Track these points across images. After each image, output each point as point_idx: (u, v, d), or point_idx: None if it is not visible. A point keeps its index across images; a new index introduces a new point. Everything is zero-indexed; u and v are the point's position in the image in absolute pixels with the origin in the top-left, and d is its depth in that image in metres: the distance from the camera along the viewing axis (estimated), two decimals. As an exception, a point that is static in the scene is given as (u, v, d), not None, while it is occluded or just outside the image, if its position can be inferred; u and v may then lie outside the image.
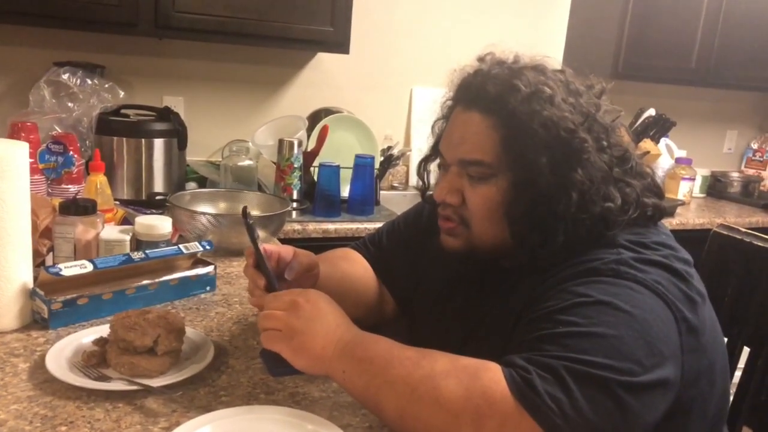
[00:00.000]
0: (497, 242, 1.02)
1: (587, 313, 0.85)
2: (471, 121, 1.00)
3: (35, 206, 1.23)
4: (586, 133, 0.96)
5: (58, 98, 2.07)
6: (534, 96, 0.96)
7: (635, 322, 0.84)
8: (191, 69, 2.55)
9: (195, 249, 1.35)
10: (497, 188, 0.98)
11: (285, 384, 1.01)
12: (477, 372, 0.82)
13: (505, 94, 0.97)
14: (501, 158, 0.97)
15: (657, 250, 0.95)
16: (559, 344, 0.82)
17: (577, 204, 0.94)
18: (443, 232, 1.07)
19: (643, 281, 0.89)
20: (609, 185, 0.97)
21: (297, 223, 2.11)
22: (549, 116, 0.94)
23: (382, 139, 2.70)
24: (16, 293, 1.12)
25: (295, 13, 2.28)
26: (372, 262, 1.32)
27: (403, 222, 1.34)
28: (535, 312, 0.91)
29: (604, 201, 0.96)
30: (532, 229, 0.97)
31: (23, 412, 0.89)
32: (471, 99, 1.01)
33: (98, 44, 2.36)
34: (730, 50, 2.97)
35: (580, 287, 0.89)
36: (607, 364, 0.80)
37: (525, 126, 0.95)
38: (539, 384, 0.78)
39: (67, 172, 1.89)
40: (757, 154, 3.56)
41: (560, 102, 0.96)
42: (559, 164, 0.94)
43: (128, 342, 0.98)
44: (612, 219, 0.96)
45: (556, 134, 0.94)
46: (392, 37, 2.80)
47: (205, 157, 2.59)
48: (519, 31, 2.96)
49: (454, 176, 1.03)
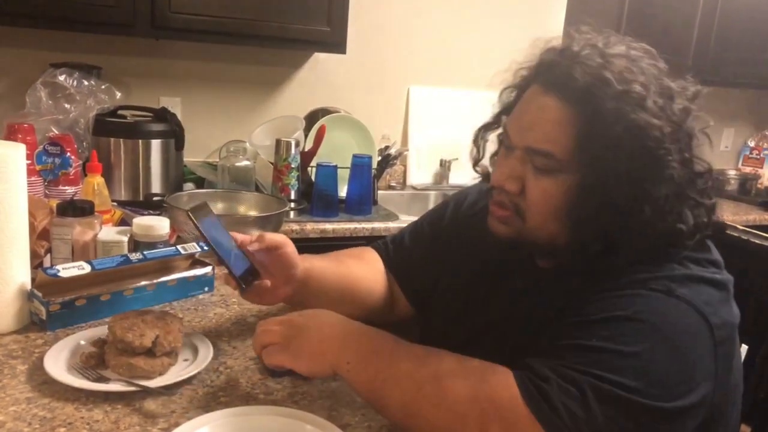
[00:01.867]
0: (551, 240, 0.94)
1: (625, 329, 0.81)
2: (548, 108, 0.89)
3: (32, 208, 1.23)
4: (671, 144, 0.86)
5: (54, 99, 2.07)
6: (624, 95, 0.85)
7: (674, 347, 0.80)
8: (188, 70, 2.55)
9: (193, 250, 1.35)
10: (562, 185, 0.89)
11: (284, 384, 1.02)
12: (485, 374, 0.81)
13: (593, 86, 0.86)
14: (573, 155, 0.87)
15: (707, 268, 0.89)
16: (589, 358, 0.79)
17: (648, 219, 0.86)
18: (493, 217, 0.98)
19: (691, 302, 0.83)
20: (683, 204, 0.89)
21: (295, 223, 2.11)
22: (636, 121, 0.84)
23: (380, 139, 2.70)
24: (14, 295, 1.12)
25: (292, 13, 2.28)
26: (388, 260, 1.27)
27: (427, 221, 1.29)
28: (573, 315, 0.87)
29: (675, 221, 0.88)
30: (596, 237, 0.89)
31: (22, 414, 0.88)
32: (553, 82, 0.90)
33: (95, 45, 2.36)
34: (727, 48, 2.97)
35: (624, 299, 0.84)
36: (636, 387, 0.77)
37: (608, 127, 0.84)
38: (556, 396, 0.76)
39: (64, 173, 1.89)
40: (754, 151, 3.57)
41: (651, 105, 0.85)
42: (637, 174, 0.85)
43: (126, 343, 0.97)
44: (680, 242, 0.89)
45: (640, 142, 0.84)
46: (389, 36, 2.80)
47: (203, 157, 2.59)
48: (515, 30, 2.95)
49: (517, 162, 0.93)
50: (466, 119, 2.95)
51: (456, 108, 2.95)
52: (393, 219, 2.29)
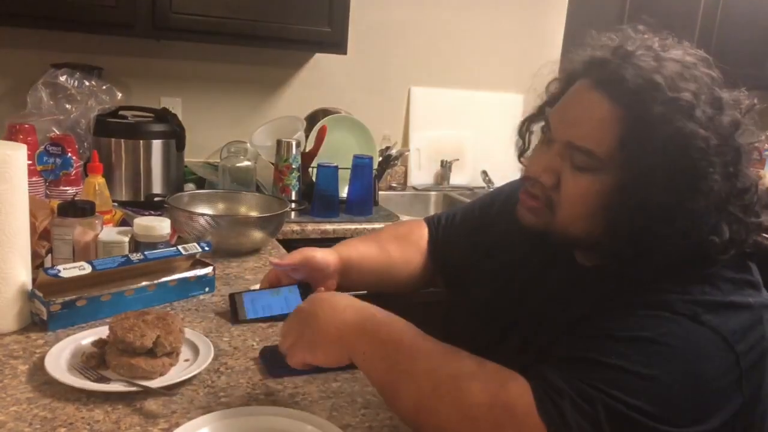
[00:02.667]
0: (581, 237, 0.93)
1: (647, 350, 0.80)
2: (593, 105, 0.88)
3: (33, 208, 1.23)
4: (716, 156, 0.83)
5: (55, 100, 2.07)
6: (673, 102, 0.83)
7: (693, 374, 0.79)
8: (189, 70, 2.55)
9: (194, 250, 1.35)
10: (599, 184, 0.88)
11: (284, 384, 1.02)
12: (504, 381, 0.80)
13: (643, 89, 0.84)
14: (614, 156, 0.86)
15: (743, 290, 0.86)
16: (606, 375, 0.78)
17: (680, 229, 0.84)
18: (523, 206, 0.98)
19: (717, 330, 0.81)
20: (721, 218, 0.86)
21: (295, 224, 2.11)
22: (682, 129, 0.82)
23: (381, 140, 2.71)
24: (15, 295, 1.12)
25: (293, 13, 2.28)
26: (433, 236, 1.33)
27: (478, 204, 1.32)
28: (596, 326, 0.85)
29: (710, 234, 0.85)
30: (626, 241, 0.87)
31: (23, 414, 0.89)
32: (602, 79, 0.88)
33: (96, 46, 2.36)
34: (728, 49, 2.97)
35: (649, 320, 0.82)
36: (649, 411, 0.76)
37: (653, 132, 0.83)
38: (569, 412, 0.75)
39: (65, 173, 1.89)
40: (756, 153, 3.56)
41: (700, 115, 0.83)
42: (676, 184, 0.83)
43: (127, 343, 0.98)
44: (712, 255, 0.86)
45: (683, 151, 0.82)
46: (390, 37, 2.80)
47: (204, 158, 2.59)
48: (516, 30, 2.96)
49: (555, 156, 0.91)
50: (467, 120, 2.96)
51: (457, 108, 2.95)
52: (394, 220, 2.29)
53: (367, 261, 1.27)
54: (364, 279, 1.28)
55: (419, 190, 2.87)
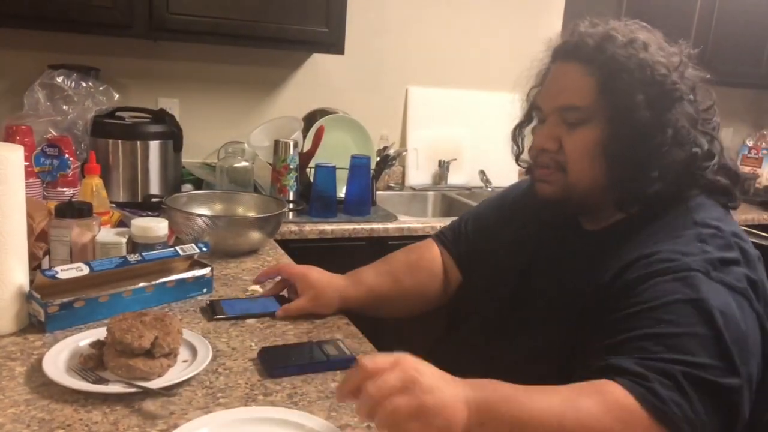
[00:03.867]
0: (594, 185, 1.05)
1: (685, 311, 0.87)
2: (568, 71, 1.06)
3: (31, 209, 1.23)
4: (678, 80, 1.01)
5: (52, 101, 2.07)
6: (630, 43, 1.03)
7: (729, 322, 0.86)
8: (186, 71, 2.55)
9: (191, 251, 1.35)
10: (594, 130, 1.03)
11: (283, 385, 1.01)
12: (602, 388, 0.81)
13: (603, 42, 1.03)
14: (598, 102, 1.02)
15: (732, 249, 0.96)
16: (665, 345, 0.84)
17: (671, 142, 0.99)
18: (538, 180, 1.11)
19: (732, 285, 0.91)
20: (697, 132, 1.02)
21: (293, 224, 2.11)
22: (645, 59, 1.01)
23: (378, 140, 2.70)
24: (13, 297, 1.12)
25: (290, 14, 2.28)
26: (454, 254, 1.37)
27: (487, 207, 1.39)
28: (629, 306, 0.91)
29: (693, 146, 1.01)
30: (631, 164, 1.01)
31: (20, 416, 0.88)
32: (569, 51, 1.07)
33: (93, 47, 2.36)
34: (725, 47, 2.97)
35: (675, 283, 0.90)
36: (714, 365, 0.83)
37: (623, 67, 1.01)
38: (662, 391, 0.80)
39: (62, 175, 1.89)
40: (753, 151, 3.57)
41: (655, 50, 1.03)
42: (654, 102, 1.00)
43: (125, 344, 0.97)
44: (698, 165, 1.01)
45: (651, 75, 1.00)
46: (387, 37, 2.80)
47: (201, 158, 2.59)
48: (513, 30, 2.96)
49: (552, 125, 1.07)
50: (465, 120, 2.96)
51: (454, 108, 2.95)
52: (392, 220, 2.29)
53: (383, 294, 1.32)
54: (377, 311, 1.34)
55: (417, 190, 2.87)
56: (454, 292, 1.36)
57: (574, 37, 1.08)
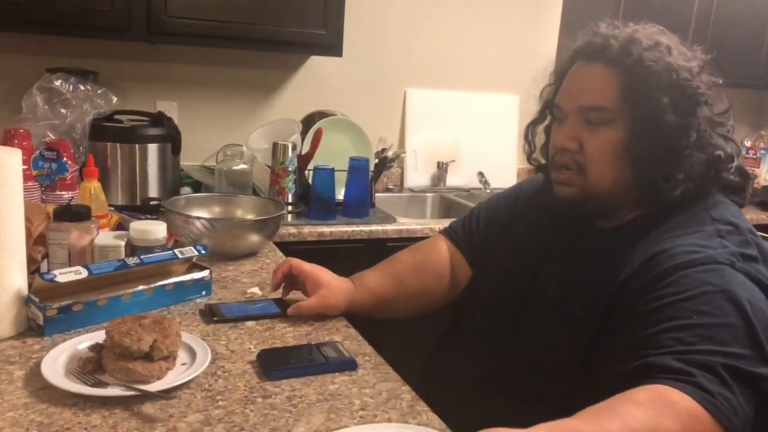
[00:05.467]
0: (614, 186, 1.06)
1: (715, 302, 0.88)
2: (592, 73, 1.07)
3: (29, 213, 1.23)
4: (699, 84, 1.04)
5: (51, 104, 2.07)
6: (656, 46, 1.04)
7: (757, 312, 0.88)
8: (184, 74, 2.55)
9: (190, 254, 1.35)
10: (617, 131, 1.04)
11: (282, 387, 1.01)
12: (663, 394, 0.80)
13: (629, 45, 1.04)
14: (621, 104, 1.03)
15: (750, 246, 0.99)
16: (700, 336, 0.84)
17: (694, 145, 1.01)
18: (557, 182, 1.11)
19: (755, 277, 0.94)
20: (717, 135, 1.04)
21: (292, 227, 2.11)
22: (670, 62, 1.03)
23: (377, 142, 2.70)
24: (11, 300, 1.12)
25: (288, 16, 2.28)
26: (465, 251, 1.36)
27: (500, 201, 1.38)
28: (657, 299, 0.92)
29: (714, 148, 1.03)
30: (656, 165, 1.02)
31: (19, 420, 0.88)
32: (592, 53, 1.07)
33: (91, 50, 2.36)
34: (722, 48, 2.97)
35: (703, 275, 0.92)
36: (747, 354, 0.84)
37: (648, 69, 1.02)
38: (709, 385, 0.80)
39: (60, 178, 1.89)
40: (751, 151, 3.57)
41: (677, 54, 1.05)
42: (678, 106, 1.01)
43: (124, 347, 0.97)
44: (721, 167, 1.04)
45: (676, 79, 1.02)
46: (385, 39, 2.80)
47: (200, 161, 2.59)
48: (512, 31, 2.96)
49: (573, 124, 1.07)
50: (463, 121, 2.97)
51: (453, 110, 2.95)
52: (390, 221, 2.29)
53: (390, 296, 1.32)
54: (382, 314, 1.34)
55: (416, 192, 2.87)
56: (461, 290, 1.35)
57: (597, 38, 1.08)
